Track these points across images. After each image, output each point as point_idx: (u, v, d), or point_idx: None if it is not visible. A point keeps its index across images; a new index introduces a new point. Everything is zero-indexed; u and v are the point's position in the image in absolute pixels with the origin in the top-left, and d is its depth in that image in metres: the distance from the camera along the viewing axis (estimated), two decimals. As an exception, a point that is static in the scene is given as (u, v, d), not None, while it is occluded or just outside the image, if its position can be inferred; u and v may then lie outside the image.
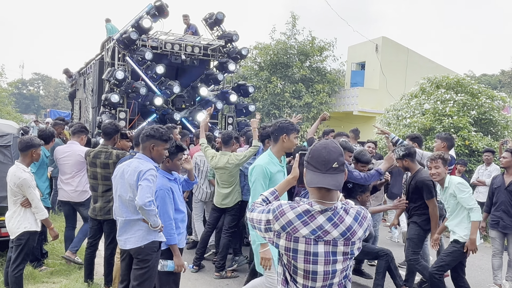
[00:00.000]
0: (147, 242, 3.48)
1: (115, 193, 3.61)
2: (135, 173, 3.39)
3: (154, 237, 3.51)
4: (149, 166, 3.42)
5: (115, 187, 3.60)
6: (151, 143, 3.53)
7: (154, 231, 3.48)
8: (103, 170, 4.54)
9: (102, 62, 10.57)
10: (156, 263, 3.55)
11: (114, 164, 4.41)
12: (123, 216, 3.54)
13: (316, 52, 19.56)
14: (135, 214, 3.46)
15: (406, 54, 19.38)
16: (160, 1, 9.84)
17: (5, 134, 5.32)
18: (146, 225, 3.45)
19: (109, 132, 4.77)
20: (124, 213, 3.52)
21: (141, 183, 3.31)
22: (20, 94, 54.25)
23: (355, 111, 18.84)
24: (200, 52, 10.48)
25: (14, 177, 4.08)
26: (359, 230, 1.96)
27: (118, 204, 3.56)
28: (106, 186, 4.54)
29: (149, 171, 3.38)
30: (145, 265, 3.48)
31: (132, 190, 3.42)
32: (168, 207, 3.65)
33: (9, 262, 4.25)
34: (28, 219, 4.17)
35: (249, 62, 19.89)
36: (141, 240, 3.47)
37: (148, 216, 3.34)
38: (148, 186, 3.30)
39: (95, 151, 4.64)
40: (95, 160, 4.57)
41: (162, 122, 9.92)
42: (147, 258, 3.49)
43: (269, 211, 2.02)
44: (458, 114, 9.90)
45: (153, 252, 3.51)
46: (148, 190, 3.29)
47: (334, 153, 1.95)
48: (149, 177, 3.34)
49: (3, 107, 21.36)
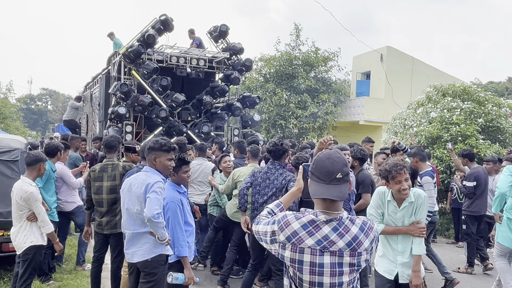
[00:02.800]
0: (154, 255, 3.47)
1: (122, 206, 3.61)
2: (143, 186, 3.40)
3: (161, 250, 3.50)
4: (156, 179, 3.42)
5: (122, 200, 3.60)
6: (152, 155, 3.54)
7: (161, 244, 3.47)
8: (109, 182, 4.52)
9: (109, 76, 10.67)
10: (163, 276, 3.53)
11: (121, 176, 4.43)
12: (130, 229, 3.53)
13: (321, 62, 19.63)
14: (143, 227, 3.46)
15: (411, 63, 19.37)
16: (165, 15, 9.95)
17: (13, 149, 5.37)
18: (153, 238, 3.44)
19: (112, 145, 4.80)
20: (132, 226, 3.52)
21: (149, 196, 3.31)
22: (29, 109, 54.81)
23: (361, 120, 18.80)
24: (205, 64, 10.56)
25: (21, 191, 4.09)
26: (365, 240, 1.93)
27: (126, 217, 3.56)
28: (111, 200, 4.51)
29: (157, 183, 3.38)
30: (152, 278, 3.47)
31: (139, 202, 3.42)
32: (180, 219, 3.64)
33: (16, 277, 4.24)
34: (34, 233, 4.18)
35: (254, 74, 19.99)
36: (148, 253, 3.47)
37: (156, 228, 3.33)
38: (156, 198, 3.30)
39: (101, 165, 4.62)
40: (101, 174, 4.54)
41: (168, 134, 9.96)
42: (153, 271, 3.47)
43: (274, 222, 2.01)
44: (465, 122, 9.84)
45: (160, 266, 3.50)
46: (156, 202, 3.29)
47: (338, 163, 1.92)
48: (157, 189, 3.34)
49: (12, 122, 21.55)
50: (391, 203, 3.49)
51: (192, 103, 10.94)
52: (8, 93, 22.18)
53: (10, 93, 22.23)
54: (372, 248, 1.97)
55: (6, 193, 4.67)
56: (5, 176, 5.17)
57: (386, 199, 3.50)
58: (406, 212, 3.45)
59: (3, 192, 4.89)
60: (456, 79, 16.80)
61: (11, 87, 22.11)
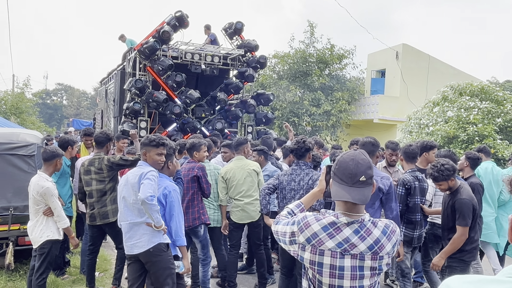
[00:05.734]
0: (154, 244, 3.54)
1: (119, 198, 3.69)
2: (137, 176, 3.52)
3: (160, 239, 3.57)
4: (149, 169, 3.55)
5: (120, 193, 3.69)
6: (143, 150, 3.68)
7: (159, 233, 3.54)
8: (97, 175, 4.65)
9: (124, 72, 10.73)
10: (168, 261, 3.61)
11: (106, 167, 4.62)
12: (127, 220, 3.60)
13: (336, 60, 19.47)
14: (139, 217, 3.53)
15: (427, 61, 19.10)
16: (180, 12, 9.96)
17: (30, 144, 5.42)
18: (151, 228, 3.51)
19: (101, 141, 4.91)
20: (129, 216, 3.59)
21: (143, 182, 3.41)
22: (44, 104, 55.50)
23: (376, 119, 18.63)
24: (220, 61, 10.55)
25: (37, 186, 4.13)
26: (388, 244, 1.88)
27: (123, 208, 3.63)
28: (100, 190, 4.63)
29: (150, 172, 3.51)
30: (159, 266, 3.55)
31: (134, 192, 3.51)
32: (181, 208, 3.80)
33: (33, 270, 4.30)
34: (51, 228, 4.22)
35: (268, 71, 19.93)
36: (148, 243, 3.54)
37: (151, 211, 3.38)
38: (149, 184, 3.39)
39: (89, 160, 4.77)
40: (89, 167, 4.68)
41: (182, 131, 9.98)
42: (158, 259, 3.55)
43: (293, 223, 1.97)
44: (482, 122, 9.69)
45: (162, 253, 3.58)
46: (150, 187, 3.37)
47: (362, 165, 1.87)
48: (151, 176, 3.46)
49: (28, 117, 21.88)
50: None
51: (206, 99, 10.95)
52: (25, 88, 22.52)
53: (27, 88, 22.56)
54: (394, 252, 1.92)
55: (23, 188, 4.73)
56: (22, 170, 5.23)
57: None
58: None
59: (20, 186, 4.96)
60: (473, 78, 16.53)
61: (28, 82, 22.44)
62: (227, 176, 5.12)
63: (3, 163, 5.21)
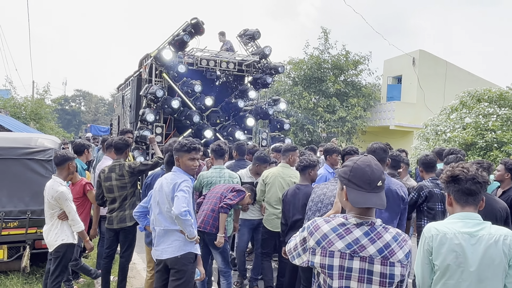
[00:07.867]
0: (184, 252, 3.55)
1: (154, 202, 3.70)
2: (171, 185, 3.51)
3: (190, 248, 3.58)
4: (183, 178, 3.52)
5: (154, 199, 3.70)
6: (175, 156, 3.66)
7: (191, 242, 3.56)
8: (118, 181, 4.71)
9: (140, 79, 10.84)
10: (192, 274, 3.62)
11: (128, 173, 4.69)
12: (162, 226, 3.61)
13: (351, 66, 19.38)
14: (173, 225, 3.54)
15: (445, 67, 18.88)
16: (196, 19, 10.04)
17: (48, 148, 5.52)
18: (183, 236, 3.52)
19: (120, 147, 4.94)
20: (164, 222, 3.61)
21: (177, 194, 3.40)
22: (63, 110, 56.47)
23: (392, 125, 18.45)
24: (235, 67, 10.60)
25: (52, 190, 4.19)
26: (399, 251, 1.85)
27: (158, 214, 3.64)
28: (123, 196, 4.72)
29: (184, 182, 3.48)
30: (182, 275, 3.55)
31: (168, 201, 3.52)
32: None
33: (48, 273, 4.35)
34: (65, 231, 4.27)
35: (283, 77, 19.94)
36: (178, 250, 3.54)
37: (184, 226, 3.40)
38: (183, 196, 3.38)
39: (110, 166, 4.82)
40: (110, 174, 4.73)
41: (197, 137, 10.03)
42: (183, 268, 3.55)
43: (303, 229, 1.99)
44: (501, 129, 9.50)
45: (189, 263, 3.58)
46: (184, 200, 3.36)
47: (378, 171, 1.91)
48: (184, 188, 3.43)
49: (47, 122, 22.29)
50: None
51: (221, 106, 11.00)
52: (45, 94, 22.96)
53: (46, 94, 23.00)
54: (408, 263, 1.88)
55: (40, 192, 4.78)
56: (39, 175, 5.32)
57: None
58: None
59: (37, 190, 5.03)
60: (491, 84, 16.25)
61: (48, 88, 22.87)
62: (266, 181, 5.16)
63: (21, 168, 5.31)
